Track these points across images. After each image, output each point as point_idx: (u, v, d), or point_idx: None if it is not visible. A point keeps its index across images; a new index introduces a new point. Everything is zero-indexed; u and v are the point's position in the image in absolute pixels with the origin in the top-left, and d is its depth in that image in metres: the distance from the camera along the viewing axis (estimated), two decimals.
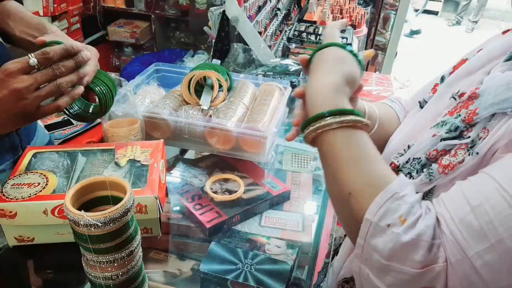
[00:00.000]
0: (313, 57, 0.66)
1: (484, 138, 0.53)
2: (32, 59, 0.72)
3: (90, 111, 0.93)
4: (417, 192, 0.55)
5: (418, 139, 0.66)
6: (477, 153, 0.53)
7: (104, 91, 0.89)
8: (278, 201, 1.03)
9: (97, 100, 0.90)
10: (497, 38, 0.72)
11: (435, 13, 7.82)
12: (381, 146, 0.82)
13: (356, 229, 0.52)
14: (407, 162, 0.64)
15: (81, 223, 0.55)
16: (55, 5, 2.67)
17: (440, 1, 7.78)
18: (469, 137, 0.55)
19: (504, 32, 0.72)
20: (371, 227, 0.50)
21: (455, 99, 0.66)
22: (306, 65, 0.68)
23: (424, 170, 0.58)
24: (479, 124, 0.55)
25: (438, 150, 0.58)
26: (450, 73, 0.74)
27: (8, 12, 0.94)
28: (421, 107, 0.76)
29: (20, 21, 0.93)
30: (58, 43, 0.80)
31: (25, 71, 0.72)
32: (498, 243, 0.44)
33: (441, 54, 5.72)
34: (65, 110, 0.88)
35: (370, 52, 0.71)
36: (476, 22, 6.99)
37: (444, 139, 0.58)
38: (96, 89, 0.87)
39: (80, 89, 0.81)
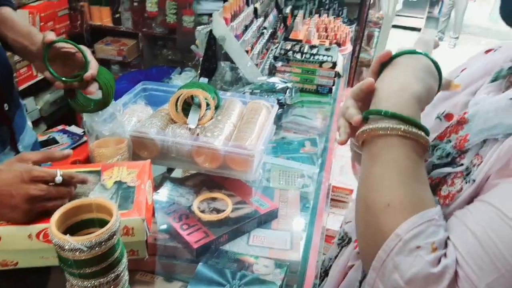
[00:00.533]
0: (397, 57, 0.61)
1: (478, 165, 0.53)
2: (58, 178, 0.75)
3: (92, 105, 1.06)
4: None
5: None
6: (474, 180, 0.53)
7: (107, 84, 1.05)
8: (266, 219, 1.03)
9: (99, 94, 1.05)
10: (480, 57, 0.74)
11: (418, 29, 8.01)
12: None
13: (380, 242, 0.50)
14: None
15: (66, 247, 0.54)
16: (42, 24, 2.66)
17: (423, 18, 7.99)
18: (462, 164, 0.55)
19: (486, 52, 0.74)
20: (399, 243, 0.48)
21: (440, 119, 0.67)
22: (383, 62, 0.62)
23: None
24: (471, 151, 0.55)
25: (432, 178, 0.58)
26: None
27: (0, 19, 1.00)
28: None
29: (11, 29, 0.99)
30: (65, 41, 1.01)
31: (46, 182, 0.75)
32: (508, 272, 0.44)
33: None
34: (70, 101, 1.06)
35: (458, 85, 0.65)
36: (457, 38, 7.17)
37: (436, 165, 0.58)
38: (100, 82, 1.04)
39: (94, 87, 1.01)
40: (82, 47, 1.02)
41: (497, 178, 0.51)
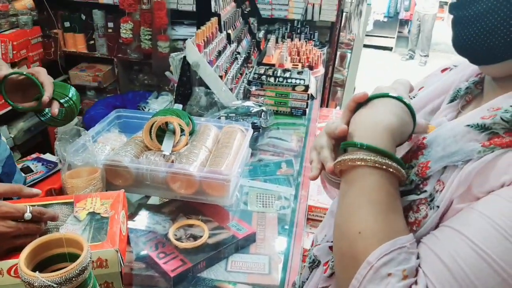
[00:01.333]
0: (373, 98, 0.62)
1: (440, 191, 0.55)
2: (28, 214, 0.74)
3: (59, 118, 1.14)
4: None
5: None
6: (438, 207, 0.55)
7: (67, 100, 1.13)
8: (244, 244, 1.03)
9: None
10: (437, 76, 0.77)
11: (390, 48, 8.29)
12: None
13: (353, 270, 0.51)
14: None
15: (36, 284, 0.53)
16: (15, 52, 2.64)
17: (393, 38, 8.27)
18: (425, 191, 0.57)
19: (442, 70, 0.77)
20: (370, 271, 0.49)
21: None
22: (359, 103, 0.63)
23: None
24: (432, 178, 0.57)
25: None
26: None
27: None
28: None
29: None
30: (16, 73, 1.06)
31: (16, 219, 0.73)
32: None
33: None
34: (37, 115, 1.14)
35: (431, 127, 0.65)
36: (426, 56, 7.45)
37: (401, 192, 0.58)
38: (61, 100, 1.12)
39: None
40: (37, 68, 1.09)
41: (460, 202, 0.53)
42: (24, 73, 1.08)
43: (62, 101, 1.12)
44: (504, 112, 0.53)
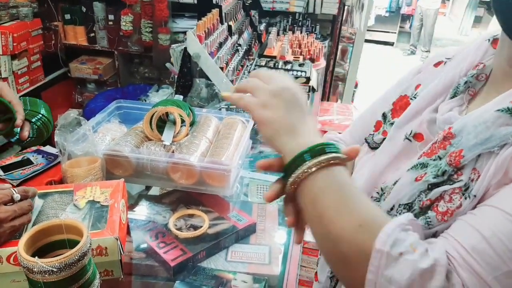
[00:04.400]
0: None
1: (476, 180, 0.54)
2: (16, 195, 0.75)
3: (32, 138, 1.07)
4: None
5: (386, 182, 0.66)
6: (475, 196, 0.54)
7: (41, 118, 1.07)
8: (244, 235, 1.03)
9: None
10: (430, 71, 0.75)
11: (391, 43, 8.26)
12: None
13: (363, 264, 0.49)
14: (391, 209, 0.63)
15: (35, 269, 0.53)
16: (15, 44, 2.62)
17: (395, 33, 8.24)
18: (461, 180, 0.56)
19: (435, 65, 0.75)
20: (383, 258, 0.48)
21: (410, 140, 0.68)
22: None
23: (421, 218, 0.58)
24: (467, 166, 0.56)
25: (431, 200, 0.58)
26: (392, 110, 0.76)
27: None
28: (371, 147, 0.77)
29: None
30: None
31: (6, 203, 0.75)
32: None
33: None
34: (5, 137, 1.05)
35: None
36: (428, 51, 7.42)
37: (432, 184, 0.58)
38: (32, 120, 1.05)
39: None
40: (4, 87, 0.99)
41: (497, 188, 0.52)
42: None
43: (34, 120, 1.04)
44: None
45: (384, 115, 0.77)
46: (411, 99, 0.74)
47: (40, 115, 1.06)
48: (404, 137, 0.69)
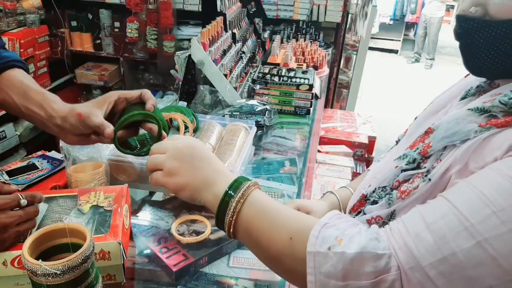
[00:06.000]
0: None
1: (436, 167, 0.59)
2: (23, 200, 0.75)
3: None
4: (377, 217, 0.63)
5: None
6: (429, 180, 0.58)
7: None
8: None
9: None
10: (460, 81, 0.80)
11: (395, 51, 8.27)
12: None
13: (302, 270, 0.54)
14: (373, 191, 0.69)
15: (39, 272, 0.54)
16: (22, 50, 2.66)
17: (399, 41, 8.26)
18: (425, 167, 0.61)
19: (466, 76, 0.79)
20: (316, 257, 0.53)
21: None
22: None
23: (386, 196, 0.64)
24: (433, 156, 0.60)
25: (400, 181, 0.63)
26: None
27: (11, 83, 0.86)
28: (396, 144, 0.83)
29: (24, 96, 0.85)
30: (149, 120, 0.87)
31: (13, 208, 0.75)
32: (450, 255, 0.48)
33: (403, 90, 6.01)
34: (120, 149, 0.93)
35: None
36: (432, 59, 7.42)
37: (404, 170, 0.63)
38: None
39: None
40: (144, 92, 0.90)
41: (457, 178, 0.56)
42: (154, 120, 0.86)
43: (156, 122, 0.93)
44: (503, 96, 0.56)
45: (415, 118, 0.82)
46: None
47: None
48: (420, 133, 0.72)
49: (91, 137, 0.86)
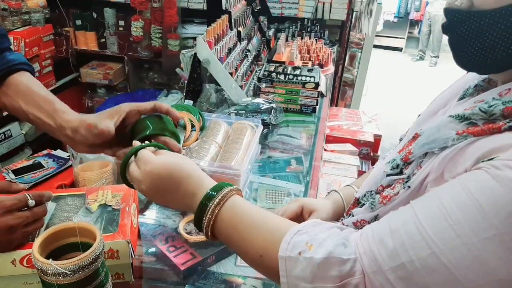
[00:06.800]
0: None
1: (416, 174, 0.59)
2: (31, 201, 0.75)
3: None
4: (361, 221, 0.64)
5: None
6: (409, 187, 0.59)
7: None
8: None
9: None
10: (464, 76, 0.78)
11: (400, 49, 8.23)
12: None
13: (276, 273, 0.57)
14: (364, 195, 0.70)
15: (49, 272, 0.54)
16: (27, 49, 2.67)
17: (404, 38, 8.22)
18: (405, 173, 0.62)
19: (468, 72, 0.78)
20: (287, 261, 0.55)
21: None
22: None
23: (370, 201, 0.65)
24: (414, 162, 0.61)
25: (383, 186, 0.65)
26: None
27: (18, 89, 0.83)
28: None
29: (32, 103, 0.82)
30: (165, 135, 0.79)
31: (20, 209, 0.75)
32: (408, 262, 0.49)
33: (407, 88, 5.98)
34: None
35: None
36: (437, 57, 7.38)
37: (389, 175, 0.64)
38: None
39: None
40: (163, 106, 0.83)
41: (433, 186, 0.56)
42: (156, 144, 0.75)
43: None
44: (484, 103, 0.55)
45: (419, 115, 0.81)
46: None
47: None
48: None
49: (104, 150, 0.83)
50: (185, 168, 0.66)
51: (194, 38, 1.73)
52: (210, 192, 0.62)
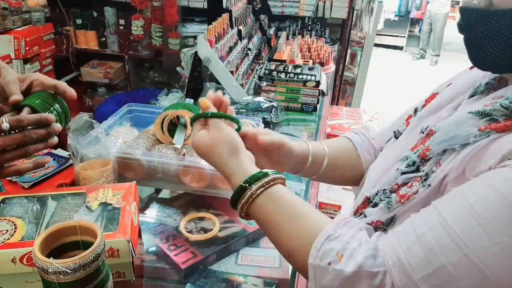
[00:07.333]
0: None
1: (435, 172, 0.58)
2: (5, 124, 0.72)
3: None
4: (377, 222, 0.61)
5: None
6: (429, 185, 0.57)
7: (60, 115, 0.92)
8: (254, 238, 1.03)
9: None
10: (465, 73, 0.78)
11: (400, 48, 8.22)
12: (338, 178, 0.89)
13: (305, 275, 0.56)
14: (376, 194, 0.68)
15: (50, 270, 0.54)
16: (27, 48, 2.67)
17: (404, 37, 8.21)
18: (423, 171, 0.60)
19: (471, 68, 0.77)
20: (316, 270, 0.54)
21: (423, 133, 0.70)
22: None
23: (386, 199, 0.63)
24: (432, 159, 0.60)
25: (398, 184, 0.62)
26: (423, 106, 0.79)
27: None
28: (396, 137, 0.81)
29: None
30: (32, 107, 0.81)
31: None
32: (440, 269, 0.48)
33: (408, 87, 5.97)
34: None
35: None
36: (437, 55, 7.37)
37: (404, 173, 0.62)
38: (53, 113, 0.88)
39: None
40: (51, 81, 0.89)
41: (453, 185, 0.55)
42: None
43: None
44: (505, 99, 0.54)
45: (415, 110, 0.80)
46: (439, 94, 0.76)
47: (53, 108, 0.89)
48: (420, 130, 0.71)
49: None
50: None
51: (195, 37, 1.73)
52: (259, 174, 0.63)
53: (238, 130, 0.74)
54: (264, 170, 0.63)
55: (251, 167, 0.65)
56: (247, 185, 0.62)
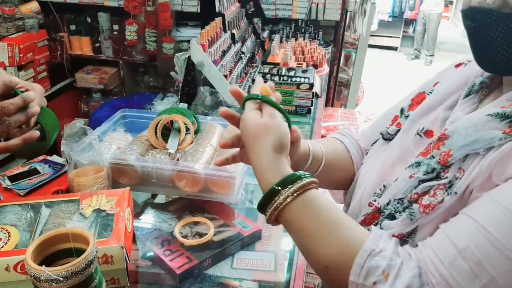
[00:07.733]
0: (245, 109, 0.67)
1: (460, 178, 0.56)
2: None
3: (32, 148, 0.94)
4: (398, 235, 0.58)
5: (392, 179, 0.68)
6: (456, 193, 0.55)
7: (49, 126, 0.93)
8: (249, 242, 1.03)
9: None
10: (451, 71, 0.77)
11: (395, 48, 8.26)
12: (330, 181, 0.86)
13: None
14: (388, 203, 0.65)
15: (42, 278, 0.54)
16: (21, 55, 2.66)
17: (398, 37, 8.25)
18: (446, 177, 0.57)
19: (457, 66, 0.77)
20: None
21: (420, 136, 0.69)
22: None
23: (406, 210, 0.60)
24: (454, 165, 0.57)
25: (418, 193, 0.60)
26: (409, 106, 0.78)
27: None
28: (384, 138, 0.79)
29: None
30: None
31: None
32: (490, 282, 0.46)
33: (403, 87, 5.99)
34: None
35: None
36: (432, 55, 7.41)
37: (422, 181, 0.60)
38: (43, 123, 0.91)
39: (35, 134, 0.82)
40: (19, 81, 0.85)
41: (480, 191, 0.53)
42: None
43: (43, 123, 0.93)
44: None
45: (402, 110, 0.79)
46: (427, 94, 0.76)
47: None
48: (415, 132, 0.70)
49: None
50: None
51: (189, 41, 1.73)
52: (295, 175, 0.58)
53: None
54: (298, 172, 0.59)
55: (288, 169, 0.60)
56: (279, 187, 0.57)
